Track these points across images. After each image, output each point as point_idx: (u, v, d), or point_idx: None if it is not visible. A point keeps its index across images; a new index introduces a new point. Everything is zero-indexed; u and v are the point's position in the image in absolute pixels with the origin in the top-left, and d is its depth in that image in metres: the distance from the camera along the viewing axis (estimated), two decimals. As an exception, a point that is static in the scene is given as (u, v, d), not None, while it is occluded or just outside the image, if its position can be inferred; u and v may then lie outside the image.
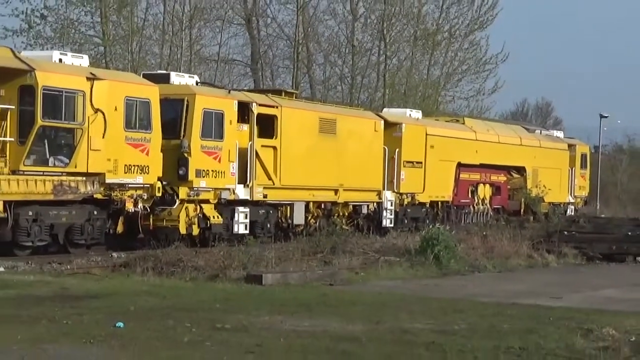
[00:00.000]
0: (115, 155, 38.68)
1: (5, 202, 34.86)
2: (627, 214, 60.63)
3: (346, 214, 50.26)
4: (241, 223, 43.83)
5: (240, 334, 20.77)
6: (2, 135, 34.55)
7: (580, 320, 23.62)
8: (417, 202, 55.26)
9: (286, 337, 20.64)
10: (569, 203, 69.44)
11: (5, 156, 34.66)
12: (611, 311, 25.99)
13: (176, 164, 41.19)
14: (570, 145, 72.37)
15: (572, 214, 65.22)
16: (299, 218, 47.35)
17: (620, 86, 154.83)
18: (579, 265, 42.91)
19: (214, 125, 42.57)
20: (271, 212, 46.31)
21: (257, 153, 44.51)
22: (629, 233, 47.48)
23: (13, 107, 35.22)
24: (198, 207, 42.24)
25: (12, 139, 35.07)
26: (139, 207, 40.19)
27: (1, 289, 27.69)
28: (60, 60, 39.13)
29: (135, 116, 39.45)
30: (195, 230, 41.73)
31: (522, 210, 61.82)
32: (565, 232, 48.23)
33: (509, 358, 18.92)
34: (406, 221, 52.90)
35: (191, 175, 41.81)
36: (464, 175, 59.30)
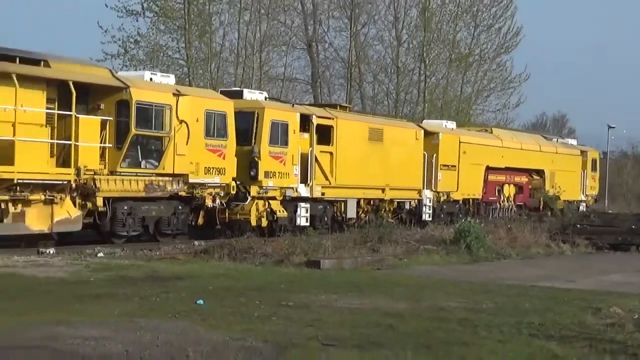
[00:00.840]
0: (197, 159, 38.50)
1: (105, 198, 34.92)
2: (631, 210, 60.45)
3: (391, 209, 50.16)
4: (303, 216, 43.78)
5: (302, 310, 20.54)
6: (102, 142, 34.42)
7: (590, 301, 23.28)
8: (451, 200, 55.15)
9: (340, 313, 20.47)
10: (581, 201, 69.13)
11: (105, 160, 34.64)
12: (617, 293, 25.65)
13: (248, 166, 41.07)
14: (582, 151, 72.30)
15: (584, 210, 64.73)
16: (351, 212, 47.27)
17: (625, 100, 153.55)
18: (589, 254, 42.54)
19: (280, 134, 42.52)
20: (328, 207, 46.17)
21: (316, 157, 44.45)
22: (633, 226, 47.38)
23: (111, 118, 35.13)
24: (266, 203, 42.17)
25: (111, 145, 35.00)
26: (216, 202, 40.13)
27: (102, 272, 27.68)
28: (151, 79, 39.14)
29: (214, 126, 39.32)
30: (264, 223, 41.63)
31: (541, 207, 61.56)
32: (578, 225, 48.03)
33: (529, 332, 18.65)
34: (442, 215, 52.74)
35: (261, 176, 41.61)
36: (491, 177, 59.18)
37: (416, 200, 52.27)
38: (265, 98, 45.31)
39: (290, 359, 15.40)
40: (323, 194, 45.34)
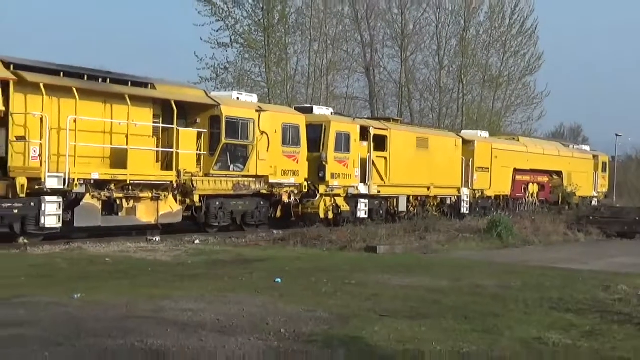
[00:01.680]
0: (275, 163, 38.51)
1: (200, 196, 35.09)
2: (635, 204, 60.19)
3: (435, 204, 50.02)
4: (362, 210, 43.70)
5: (361, 287, 20.59)
6: (198, 149, 34.56)
7: (601, 280, 23.21)
8: (485, 196, 54.94)
9: (393, 290, 20.49)
10: (593, 196, 68.71)
11: (200, 164, 34.75)
12: (624, 273, 25.56)
13: (317, 169, 41.05)
14: (594, 156, 71.94)
15: (596, 204, 64.46)
16: (402, 207, 47.16)
17: (632, 111, 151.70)
18: (600, 241, 42.30)
19: (343, 143, 42.48)
20: (383, 202, 46.08)
21: (373, 162, 44.40)
22: (637, 218, 47.30)
23: (205, 130, 35.20)
24: (332, 199, 42.12)
25: (205, 152, 35.13)
26: (291, 199, 40.07)
27: (198, 256, 27.87)
28: (238, 98, 39.20)
29: (289, 136, 39.34)
30: (330, 215, 41.60)
31: (559, 202, 61.20)
32: (591, 217, 47.91)
33: (550, 305, 18.66)
34: (477, 209, 52.52)
35: (328, 177, 41.55)
36: (518, 177, 58.91)
37: (456, 197, 52.09)
38: (331, 113, 45.19)
39: (352, 328, 15.46)
40: (379, 191, 45.23)
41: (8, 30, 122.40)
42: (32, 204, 28.74)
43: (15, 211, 28.45)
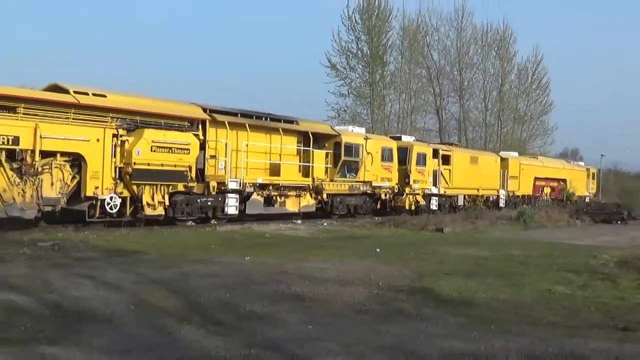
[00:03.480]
0: (377, 173, 38.36)
1: (327, 194, 35.02)
2: (613, 201, 59.18)
3: (482, 200, 49.57)
4: (434, 204, 43.37)
5: (433, 255, 20.48)
6: (326, 164, 34.57)
7: (591, 251, 22.75)
8: (515, 195, 54.29)
9: (453, 257, 20.39)
10: (586, 196, 67.53)
11: (327, 173, 34.66)
12: (605, 247, 25.01)
13: (404, 177, 40.82)
14: (587, 169, 70.91)
15: (588, 201, 63.49)
16: (460, 202, 46.76)
17: (612, 139, 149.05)
18: (590, 225, 41.54)
19: (421, 159, 42.20)
20: (447, 199, 45.72)
21: (441, 172, 44.12)
22: (614, 210, 47.02)
23: (331, 151, 35.16)
24: (414, 197, 41.84)
25: (330, 166, 35.02)
26: (387, 196, 39.91)
27: (325, 233, 27.88)
28: (352, 130, 39.25)
29: (386, 155, 39.14)
30: (413, 207, 41.27)
31: (564, 199, 60.33)
32: (584, 209, 47.38)
33: (557, 268, 18.44)
34: (510, 204, 51.92)
35: (411, 182, 41.25)
36: (537, 182, 58.13)
37: (496, 195, 51.57)
38: (414, 140, 44.95)
39: (426, 281, 15.47)
40: (445, 192, 44.88)
41: (204, 77, 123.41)
42: (220, 198, 29.08)
43: (209, 203, 28.82)
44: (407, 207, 40.92)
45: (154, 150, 25.89)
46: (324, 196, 34.89)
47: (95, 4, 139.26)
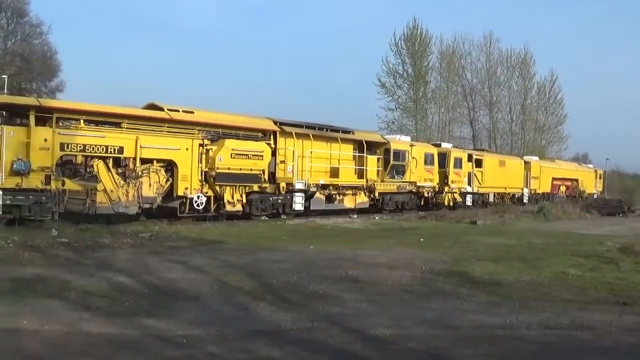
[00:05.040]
0: (420, 175, 38.04)
1: (379, 192, 34.71)
2: (616, 197, 58.59)
3: (509, 197, 49.02)
4: (468, 201, 42.95)
5: (467, 244, 20.26)
6: (377, 167, 34.40)
7: (597, 239, 22.39)
8: (537, 193, 53.56)
9: (485, 244, 20.10)
10: (594, 193, 66.32)
11: (378, 175, 34.46)
12: (610, 235, 24.55)
13: (443, 177, 40.51)
14: (595, 170, 69.76)
15: (596, 197, 62.44)
16: (491, 199, 46.22)
17: (617, 143, 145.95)
18: (598, 218, 40.85)
19: (458, 163, 41.82)
20: (480, 196, 45.25)
21: (474, 174, 43.72)
22: (617, 204, 46.79)
23: (381, 156, 34.91)
24: (452, 194, 41.49)
25: (381, 169, 34.77)
26: (429, 194, 39.61)
27: (377, 225, 27.71)
28: (399, 138, 39.00)
29: (428, 159, 38.83)
30: (451, 203, 40.88)
31: (577, 196, 59.38)
32: (593, 204, 47.05)
33: (570, 253, 18.21)
34: (532, 200, 51.23)
35: (449, 182, 40.85)
36: (555, 182, 57.25)
37: (520, 193, 50.95)
38: (451, 146, 44.61)
39: (461, 266, 15.36)
40: (478, 190, 44.39)
41: (275, 94, 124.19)
42: (288, 197, 29.11)
43: (279, 201, 28.90)
44: (446, 203, 40.57)
45: (234, 157, 26.13)
46: (376, 194, 34.71)
47: (185, 39, 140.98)
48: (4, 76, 57.79)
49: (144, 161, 23.45)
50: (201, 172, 25.27)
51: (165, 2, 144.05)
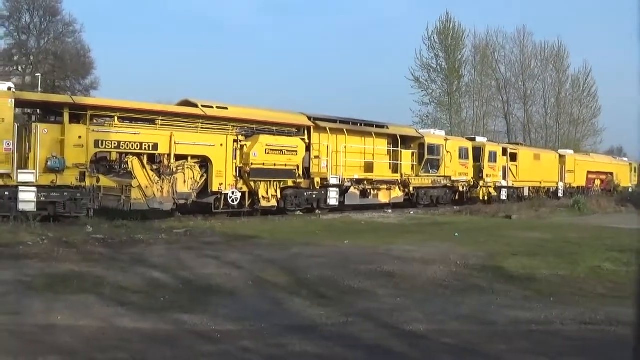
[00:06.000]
0: (455, 169, 37.80)
1: (413, 187, 34.59)
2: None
3: (544, 191, 48.54)
4: (503, 195, 42.64)
5: (502, 238, 20.04)
6: (412, 162, 34.24)
7: (632, 233, 22.00)
8: (571, 186, 53.07)
9: (520, 239, 19.94)
10: (629, 187, 65.49)
11: (413, 170, 34.32)
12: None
13: (478, 172, 40.19)
14: (630, 163, 68.89)
15: (630, 191, 61.66)
16: (526, 193, 45.88)
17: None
18: (632, 212, 40.08)
19: (492, 157, 41.51)
20: (514, 190, 44.85)
21: (509, 168, 43.35)
22: None
23: (416, 151, 34.72)
24: (487, 188, 41.14)
25: (416, 163, 34.60)
26: (464, 189, 39.35)
27: (411, 220, 27.62)
28: (434, 133, 38.70)
29: (462, 153, 38.57)
30: (486, 198, 40.55)
31: (611, 189, 58.71)
32: (628, 198, 46.42)
33: (605, 248, 17.91)
34: (567, 194, 50.70)
35: (484, 176, 40.53)
36: (589, 176, 56.67)
37: (555, 187, 50.48)
38: (486, 140, 44.29)
39: (496, 261, 15.21)
40: (512, 184, 44.02)
41: (309, 90, 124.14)
42: (323, 192, 29.10)
43: (314, 196, 28.88)
44: (481, 198, 40.31)
45: (268, 153, 26.18)
46: (411, 189, 34.58)
47: (224, 36, 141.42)
48: (37, 74, 58.64)
49: (178, 157, 23.58)
50: (236, 167, 25.34)
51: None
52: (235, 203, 25.36)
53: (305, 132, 28.43)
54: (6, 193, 19.82)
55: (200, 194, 24.72)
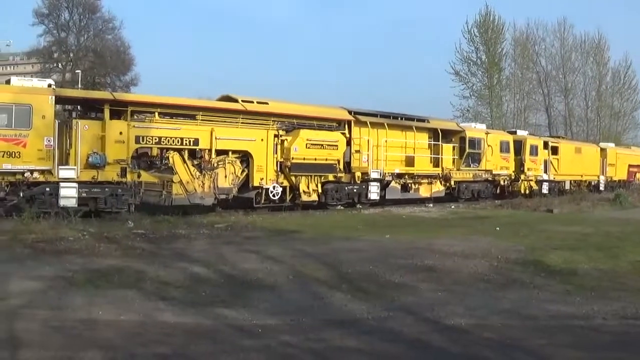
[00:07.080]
0: (496, 162, 37.38)
1: (454, 181, 34.31)
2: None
3: (585, 184, 47.88)
4: (544, 189, 42.07)
5: (543, 232, 19.77)
6: (453, 156, 33.90)
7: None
8: (612, 180, 52.35)
9: (561, 233, 19.59)
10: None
11: (454, 164, 33.96)
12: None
13: (519, 165, 39.72)
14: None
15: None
16: (567, 186, 45.36)
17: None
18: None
19: (534, 150, 41.00)
20: (556, 184, 44.22)
21: (550, 161, 42.81)
22: None
23: (457, 145, 34.45)
24: (528, 182, 40.73)
25: (457, 157, 34.23)
26: (505, 182, 38.92)
27: (453, 214, 27.46)
28: (475, 126, 38.44)
29: (503, 147, 38.11)
30: (527, 191, 40.08)
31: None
32: (672, 191, 45.69)
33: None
34: (608, 188, 49.98)
35: (525, 170, 40.04)
36: (631, 169, 55.87)
37: (596, 180, 49.81)
38: (527, 134, 43.85)
39: (537, 255, 15.02)
40: (554, 178, 43.45)
41: (356, 86, 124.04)
42: (364, 186, 29.02)
43: (355, 190, 28.83)
44: (522, 192, 39.89)
45: (309, 147, 26.20)
46: (452, 183, 34.31)
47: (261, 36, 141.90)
48: (77, 71, 59.44)
49: (219, 152, 23.72)
50: (276, 162, 25.41)
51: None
52: (276, 198, 25.43)
53: (346, 126, 28.37)
54: (47, 189, 20.04)
55: (241, 189, 24.85)
